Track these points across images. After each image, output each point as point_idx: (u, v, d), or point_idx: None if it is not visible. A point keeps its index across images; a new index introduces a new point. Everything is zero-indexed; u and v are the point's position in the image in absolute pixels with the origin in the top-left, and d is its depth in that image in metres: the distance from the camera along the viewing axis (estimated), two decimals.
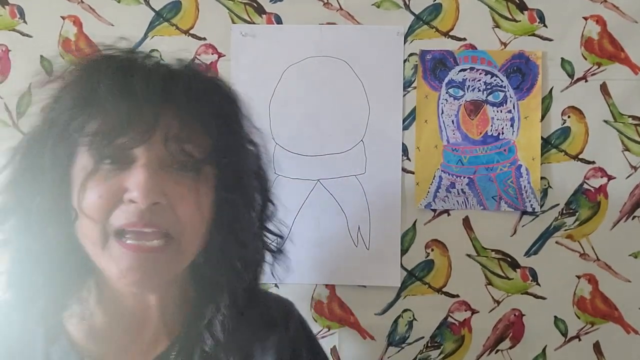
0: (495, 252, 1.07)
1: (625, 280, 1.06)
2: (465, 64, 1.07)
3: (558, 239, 1.07)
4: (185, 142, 0.59)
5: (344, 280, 1.08)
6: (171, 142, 0.58)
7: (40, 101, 0.63)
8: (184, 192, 0.59)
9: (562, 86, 1.07)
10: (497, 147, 1.07)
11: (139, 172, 0.56)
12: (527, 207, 1.06)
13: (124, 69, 0.59)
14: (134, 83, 0.57)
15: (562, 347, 1.07)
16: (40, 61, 1.09)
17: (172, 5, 1.09)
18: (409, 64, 1.08)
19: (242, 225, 0.66)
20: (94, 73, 0.59)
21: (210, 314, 0.66)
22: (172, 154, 0.58)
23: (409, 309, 1.08)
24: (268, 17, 1.09)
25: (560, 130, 1.07)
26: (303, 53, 1.08)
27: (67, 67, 0.64)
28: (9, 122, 1.10)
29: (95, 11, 1.10)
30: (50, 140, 0.58)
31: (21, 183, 0.60)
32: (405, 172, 1.08)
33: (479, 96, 1.07)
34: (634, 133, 1.06)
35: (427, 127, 1.08)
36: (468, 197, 1.07)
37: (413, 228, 1.08)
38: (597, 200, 1.06)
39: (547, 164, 1.07)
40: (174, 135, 0.58)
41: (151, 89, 0.57)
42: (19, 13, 1.10)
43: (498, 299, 1.07)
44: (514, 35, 1.07)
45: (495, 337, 1.07)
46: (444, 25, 1.08)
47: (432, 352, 1.08)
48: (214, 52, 1.09)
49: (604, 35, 1.06)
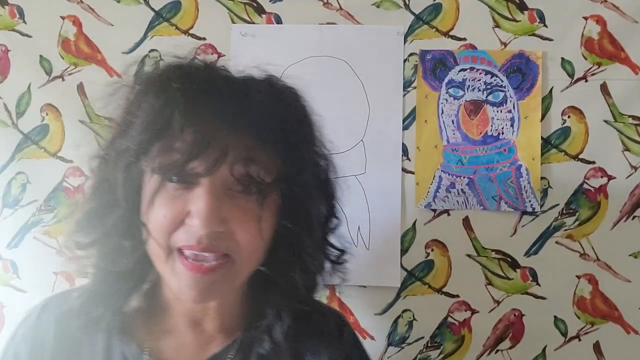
0: (495, 252, 1.07)
1: (625, 280, 1.06)
2: (465, 64, 1.07)
3: (558, 239, 1.07)
4: (252, 165, 0.59)
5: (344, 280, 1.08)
6: (238, 167, 0.58)
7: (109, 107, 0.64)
8: (245, 217, 0.59)
9: (562, 86, 1.07)
10: (497, 147, 1.07)
11: (202, 199, 0.57)
12: (527, 207, 1.06)
13: (199, 93, 0.58)
14: (207, 109, 0.57)
15: (562, 347, 1.07)
16: (40, 61, 1.09)
17: (171, 5, 1.09)
18: (409, 64, 1.08)
19: (303, 245, 0.65)
20: (169, 100, 0.57)
21: (271, 320, 0.67)
22: (238, 178, 0.58)
23: (409, 309, 1.08)
24: (268, 17, 1.09)
25: (560, 130, 1.07)
26: (303, 53, 1.08)
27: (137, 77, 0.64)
28: (8, 122, 1.10)
29: (94, 11, 1.10)
30: (121, 163, 0.60)
31: (98, 196, 0.63)
32: (405, 172, 1.08)
33: (479, 96, 1.07)
34: (634, 133, 1.06)
35: (427, 127, 1.08)
36: (468, 197, 1.07)
37: (413, 228, 1.08)
38: (597, 200, 1.06)
39: (547, 164, 1.07)
40: (241, 160, 0.58)
41: (224, 113, 0.57)
42: (18, 13, 1.10)
43: (498, 299, 1.07)
44: (514, 35, 1.07)
45: (495, 337, 1.07)
46: (444, 25, 1.08)
47: (432, 352, 1.08)
48: (214, 52, 1.09)
49: (604, 35, 1.06)
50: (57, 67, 1.10)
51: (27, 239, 1.09)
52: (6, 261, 1.10)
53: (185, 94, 0.57)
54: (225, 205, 0.58)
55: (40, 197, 1.09)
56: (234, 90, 0.59)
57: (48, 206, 1.09)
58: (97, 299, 0.65)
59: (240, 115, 0.57)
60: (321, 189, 0.67)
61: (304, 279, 0.66)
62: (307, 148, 0.64)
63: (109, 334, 0.67)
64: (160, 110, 0.57)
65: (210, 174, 0.57)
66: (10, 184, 1.09)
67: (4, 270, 1.09)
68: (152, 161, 0.58)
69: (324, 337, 0.71)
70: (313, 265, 0.67)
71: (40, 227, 1.09)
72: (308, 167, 0.64)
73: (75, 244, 0.65)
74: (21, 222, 1.09)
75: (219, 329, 0.68)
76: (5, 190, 1.09)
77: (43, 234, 1.09)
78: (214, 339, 0.68)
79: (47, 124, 1.10)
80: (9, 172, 1.09)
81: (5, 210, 1.10)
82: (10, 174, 1.09)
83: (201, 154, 0.56)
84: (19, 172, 1.09)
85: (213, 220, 0.57)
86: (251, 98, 0.59)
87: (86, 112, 1.09)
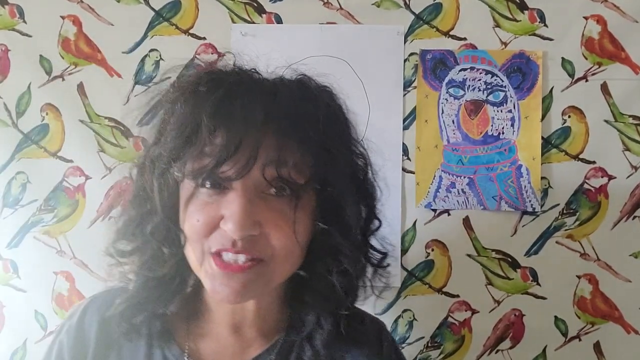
0: (496, 252, 1.07)
1: (626, 280, 1.06)
2: (466, 64, 1.07)
3: (558, 239, 1.07)
4: (284, 167, 0.58)
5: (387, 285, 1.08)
6: (269, 169, 0.57)
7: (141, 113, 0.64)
8: (279, 220, 0.59)
9: (563, 86, 1.07)
10: (498, 147, 1.07)
11: (234, 203, 0.57)
12: (528, 207, 1.06)
13: (227, 96, 0.58)
14: (235, 112, 0.56)
15: (562, 347, 1.07)
16: (40, 61, 1.09)
17: (172, 4, 1.09)
18: (409, 64, 1.08)
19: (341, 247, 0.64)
20: (197, 104, 0.58)
21: (311, 326, 0.67)
22: (270, 180, 0.58)
23: (409, 309, 1.08)
24: (268, 17, 1.09)
25: (560, 130, 1.07)
26: (303, 53, 1.08)
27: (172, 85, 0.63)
28: (8, 121, 1.10)
29: (94, 11, 1.10)
30: (156, 171, 0.61)
31: (137, 204, 0.64)
32: (405, 172, 1.08)
33: (479, 96, 1.07)
34: (635, 133, 1.06)
35: (427, 127, 1.08)
36: (468, 197, 1.07)
37: (413, 228, 1.08)
38: (597, 200, 1.06)
39: (548, 164, 1.07)
40: (273, 162, 0.57)
41: (253, 116, 0.56)
42: (18, 13, 1.10)
43: (498, 299, 1.07)
44: (515, 34, 1.07)
45: (496, 337, 1.07)
46: (444, 24, 1.08)
47: (432, 352, 1.08)
48: (214, 52, 1.09)
49: (604, 34, 1.06)
50: (57, 66, 1.10)
51: (27, 239, 1.09)
52: (6, 261, 1.09)
53: (213, 98, 0.57)
54: (259, 209, 0.58)
55: (41, 197, 1.09)
56: (263, 91, 0.59)
57: (48, 206, 1.09)
58: (139, 305, 0.66)
59: (270, 116, 0.57)
60: (358, 189, 0.66)
61: (343, 282, 0.65)
62: (340, 147, 0.62)
63: (150, 338, 0.68)
64: (189, 115, 0.58)
65: (242, 177, 0.56)
66: (10, 184, 1.09)
67: (4, 270, 1.09)
68: (184, 167, 0.58)
69: (364, 344, 0.71)
70: (352, 268, 0.66)
71: (41, 227, 1.09)
72: (342, 166, 0.62)
73: (117, 252, 0.66)
74: (21, 221, 1.09)
75: (258, 334, 0.69)
76: (5, 190, 1.09)
77: (43, 233, 1.09)
78: (253, 343, 0.69)
79: (47, 123, 1.09)
80: (9, 171, 1.09)
81: (6, 210, 1.10)
82: (10, 174, 1.09)
83: (231, 157, 0.56)
84: (19, 171, 1.09)
85: (246, 224, 0.56)
86: (280, 98, 0.58)
87: (86, 112, 1.09)
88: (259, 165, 0.57)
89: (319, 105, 0.61)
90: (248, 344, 0.69)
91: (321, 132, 0.59)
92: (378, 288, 0.73)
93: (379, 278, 0.72)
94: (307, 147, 0.58)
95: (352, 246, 0.65)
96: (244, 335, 0.69)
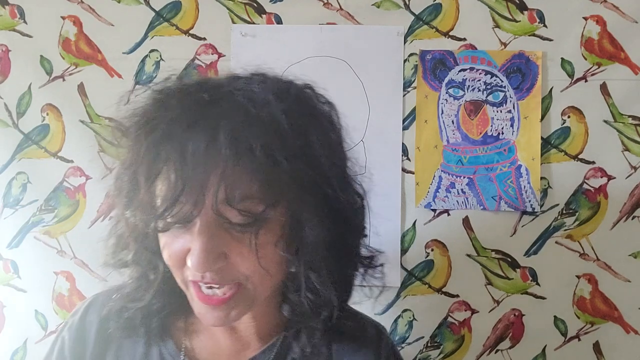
0: (495, 252, 1.07)
1: (625, 280, 1.06)
2: (465, 64, 1.07)
3: (558, 239, 1.07)
4: (235, 201, 0.55)
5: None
6: (221, 206, 0.54)
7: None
8: (242, 249, 0.57)
9: (562, 86, 1.07)
10: (497, 147, 1.07)
11: (196, 240, 0.56)
12: (527, 207, 1.06)
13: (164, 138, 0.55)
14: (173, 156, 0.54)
15: (562, 347, 1.07)
16: (40, 61, 1.09)
17: (172, 5, 1.09)
18: (409, 64, 1.08)
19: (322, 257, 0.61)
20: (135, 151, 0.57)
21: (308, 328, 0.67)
22: (225, 217, 0.56)
23: (408, 309, 1.08)
24: (268, 17, 1.09)
25: (560, 130, 1.07)
26: (303, 53, 1.08)
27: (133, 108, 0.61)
28: (9, 122, 1.10)
29: (95, 11, 1.10)
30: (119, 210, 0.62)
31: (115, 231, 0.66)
32: (405, 172, 1.08)
33: (479, 96, 1.07)
34: (634, 133, 1.06)
35: (427, 127, 1.08)
36: (468, 197, 1.07)
37: (413, 228, 1.08)
38: (597, 200, 1.06)
39: (547, 164, 1.07)
40: (222, 199, 0.54)
41: (193, 158, 0.53)
42: (19, 13, 1.10)
43: (498, 299, 1.07)
44: (514, 35, 1.07)
45: (495, 337, 1.07)
46: (444, 25, 1.08)
47: (432, 352, 1.08)
48: (214, 52, 1.09)
49: (604, 35, 1.06)
50: (58, 67, 1.10)
51: (28, 239, 1.10)
52: (6, 261, 1.10)
53: (148, 144, 0.55)
54: (223, 240, 0.56)
55: (41, 197, 1.09)
56: (204, 125, 0.54)
57: (48, 206, 1.09)
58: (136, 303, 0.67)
59: (212, 152, 0.53)
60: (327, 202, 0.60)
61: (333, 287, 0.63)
62: (289, 166, 0.55)
63: (148, 336, 0.68)
64: (128, 164, 0.58)
65: (198, 214, 0.55)
66: (10, 184, 1.10)
67: (5, 270, 1.10)
68: (135, 215, 0.59)
69: (362, 347, 0.71)
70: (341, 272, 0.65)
71: (41, 227, 1.09)
72: (303, 182, 0.57)
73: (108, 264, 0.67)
74: (22, 222, 1.10)
75: (254, 335, 0.69)
76: (5, 190, 1.10)
77: (43, 233, 1.09)
78: (250, 344, 0.69)
79: (48, 124, 1.10)
80: (9, 172, 1.09)
81: (6, 210, 1.10)
82: (10, 174, 1.09)
83: (174, 205, 0.54)
84: (20, 172, 1.09)
85: (207, 261, 0.56)
86: (224, 127, 0.54)
87: (87, 112, 1.10)
88: (209, 204, 0.54)
89: (270, 125, 0.55)
90: (245, 345, 0.69)
91: (273, 154, 0.54)
92: (374, 291, 0.73)
93: (372, 277, 0.71)
94: (256, 173, 0.54)
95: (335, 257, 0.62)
96: (241, 336, 0.69)
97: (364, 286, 0.66)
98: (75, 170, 1.09)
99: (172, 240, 0.58)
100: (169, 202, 0.54)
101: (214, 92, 0.58)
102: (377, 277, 0.72)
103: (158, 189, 0.56)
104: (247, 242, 0.57)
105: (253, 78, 0.61)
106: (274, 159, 0.54)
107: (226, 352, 0.69)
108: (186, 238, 0.57)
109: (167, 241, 0.59)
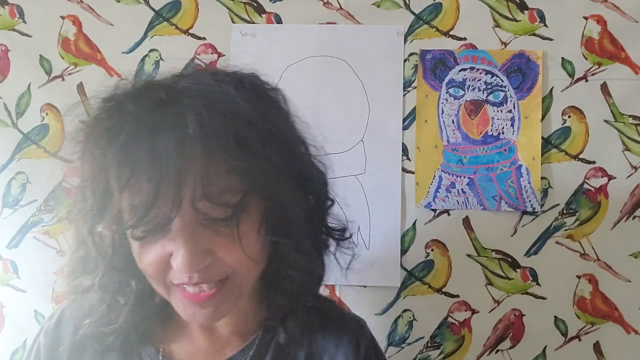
0: (496, 252, 1.07)
1: (626, 280, 1.06)
2: (466, 64, 1.07)
3: (558, 239, 1.07)
4: (214, 196, 0.55)
5: (344, 280, 1.08)
6: (200, 202, 0.54)
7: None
8: (227, 242, 0.57)
9: (563, 86, 1.07)
10: (498, 147, 1.07)
11: (179, 242, 0.55)
12: (528, 207, 1.06)
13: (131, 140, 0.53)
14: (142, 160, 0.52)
15: (562, 347, 1.07)
16: (40, 61, 1.09)
17: (171, 4, 1.09)
18: (409, 64, 1.08)
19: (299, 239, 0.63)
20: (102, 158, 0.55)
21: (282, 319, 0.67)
22: (204, 213, 0.55)
23: (409, 309, 1.08)
24: (268, 17, 1.09)
25: (560, 130, 1.07)
26: (303, 53, 1.08)
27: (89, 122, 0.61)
28: (8, 122, 1.10)
29: (94, 11, 1.10)
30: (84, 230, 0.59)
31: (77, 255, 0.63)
32: (405, 172, 1.08)
33: (479, 96, 1.07)
34: (635, 133, 1.06)
35: (427, 127, 1.08)
36: (468, 197, 1.07)
37: (413, 228, 1.08)
38: (597, 200, 1.06)
39: (548, 164, 1.07)
40: (200, 196, 0.54)
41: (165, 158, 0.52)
42: (18, 13, 1.10)
43: (498, 299, 1.07)
44: (515, 35, 1.07)
45: (495, 337, 1.07)
46: (444, 24, 1.08)
47: (432, 352, 1.08)
48: (214, 52, 1.09)
49: (604, 35, 1.06)
50: (57, 66, 1.10)
51: (27, 239, 1.09)
52: (6, 261, 1.09)
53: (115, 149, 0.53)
54: (206, 237, 0.56)
55: (40, 197, 1.09)
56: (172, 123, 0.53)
57: (48, 206, 1.09)
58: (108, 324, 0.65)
59: (183, 149, 0.52)
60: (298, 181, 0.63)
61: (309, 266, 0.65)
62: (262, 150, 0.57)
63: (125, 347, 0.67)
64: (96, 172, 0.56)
65: (175, 215, 0.54)
66: (10, 184, 1.09)
67: (4, 270, 1.09)
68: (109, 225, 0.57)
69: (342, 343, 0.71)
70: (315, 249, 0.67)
71: (40, 227, 1.09)
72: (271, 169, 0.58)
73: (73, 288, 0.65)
74: (21, 222, 1.09)
75: (233, 334, 0.69)
76: (5, 190, 1.09)
77: (43, 234, 1.09)
78: (228, 343, 0.69)
79: (47, 123, 1.09)
80: (9, 172, 1.09)
81: (5, 210, 1.10)
82: (10, 174, 1.09)
83: (153, 206, 0.52)
84: (19, 172, 1.09)
85: (195, 261, 0.55)
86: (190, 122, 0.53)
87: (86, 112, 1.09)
88: (186, 203, 0.54)
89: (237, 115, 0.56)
90: (223, 345, 0.68)
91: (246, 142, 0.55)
92: (346, 260, 0.74)
93: (344, 251, 0.73)
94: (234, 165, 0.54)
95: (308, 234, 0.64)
96: (219, 336, 0.68)
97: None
98: (75, 170, 1.09)
99: (149, 247, 0.57)
100: (146, 207, 0.52)
101: (169, 90, 0.57)
102: (349, 247, 0.73)
103: (128, 197, 0.54)
104: (229, 235, 0.56)
105: (201, 73, 0.62)
106: (248, 146, 0.55)
107: (204, 352, 0.68)
108: (165, 242, 0.56)
109: (145, 250, 0.57)
